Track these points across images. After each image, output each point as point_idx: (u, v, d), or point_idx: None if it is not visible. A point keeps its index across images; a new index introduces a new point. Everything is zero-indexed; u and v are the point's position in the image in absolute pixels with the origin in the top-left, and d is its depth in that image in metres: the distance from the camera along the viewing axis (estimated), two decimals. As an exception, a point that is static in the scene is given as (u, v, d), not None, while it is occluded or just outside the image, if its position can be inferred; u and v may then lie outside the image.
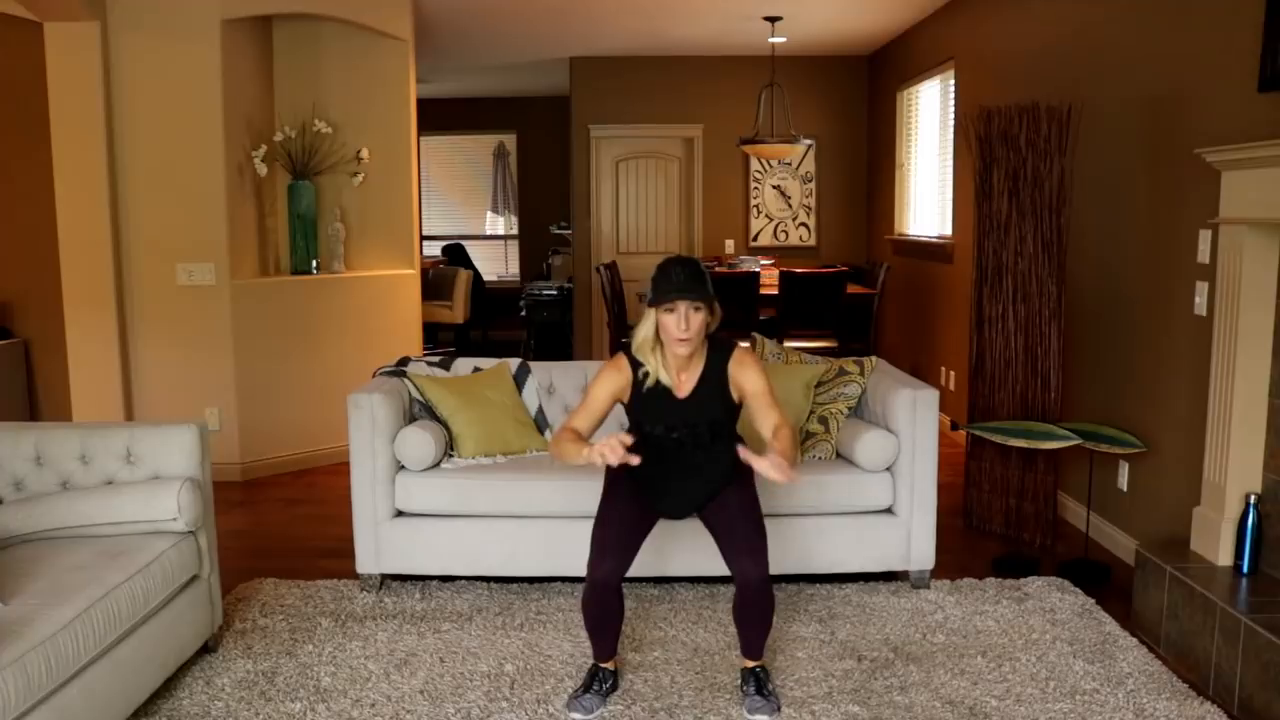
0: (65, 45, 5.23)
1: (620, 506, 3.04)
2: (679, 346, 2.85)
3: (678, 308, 2.82)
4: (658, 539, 3.67)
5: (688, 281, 2.82)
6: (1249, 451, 3.39)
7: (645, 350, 2.93)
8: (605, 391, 2.98)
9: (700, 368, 2.96)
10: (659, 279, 2.85)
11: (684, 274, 2.83)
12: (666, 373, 2.94)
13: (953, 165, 6.65)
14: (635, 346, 2.95)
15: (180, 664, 3.20)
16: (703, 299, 2.83)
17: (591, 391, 2.99)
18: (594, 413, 2.98)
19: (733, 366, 2.96)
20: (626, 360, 2.97)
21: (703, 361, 2.96)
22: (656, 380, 2.94)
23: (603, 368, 3.02)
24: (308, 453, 5.85)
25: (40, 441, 3.29)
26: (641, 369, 2.95)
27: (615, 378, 2.98)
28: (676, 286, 2.81)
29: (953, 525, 4.57)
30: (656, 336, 2.92)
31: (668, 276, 2.84)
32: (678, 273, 2.84)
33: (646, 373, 2.94)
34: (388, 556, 3.90)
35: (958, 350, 6.28)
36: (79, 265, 5.37)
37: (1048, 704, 3.06)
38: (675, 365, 2.94)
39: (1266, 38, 3.32)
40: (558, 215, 10.89)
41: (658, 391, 2.95)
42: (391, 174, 6.19)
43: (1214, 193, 3.49)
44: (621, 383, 2.97)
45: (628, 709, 3.04)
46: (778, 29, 7.48)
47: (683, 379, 2.96)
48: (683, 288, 2.81)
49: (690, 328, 2.83)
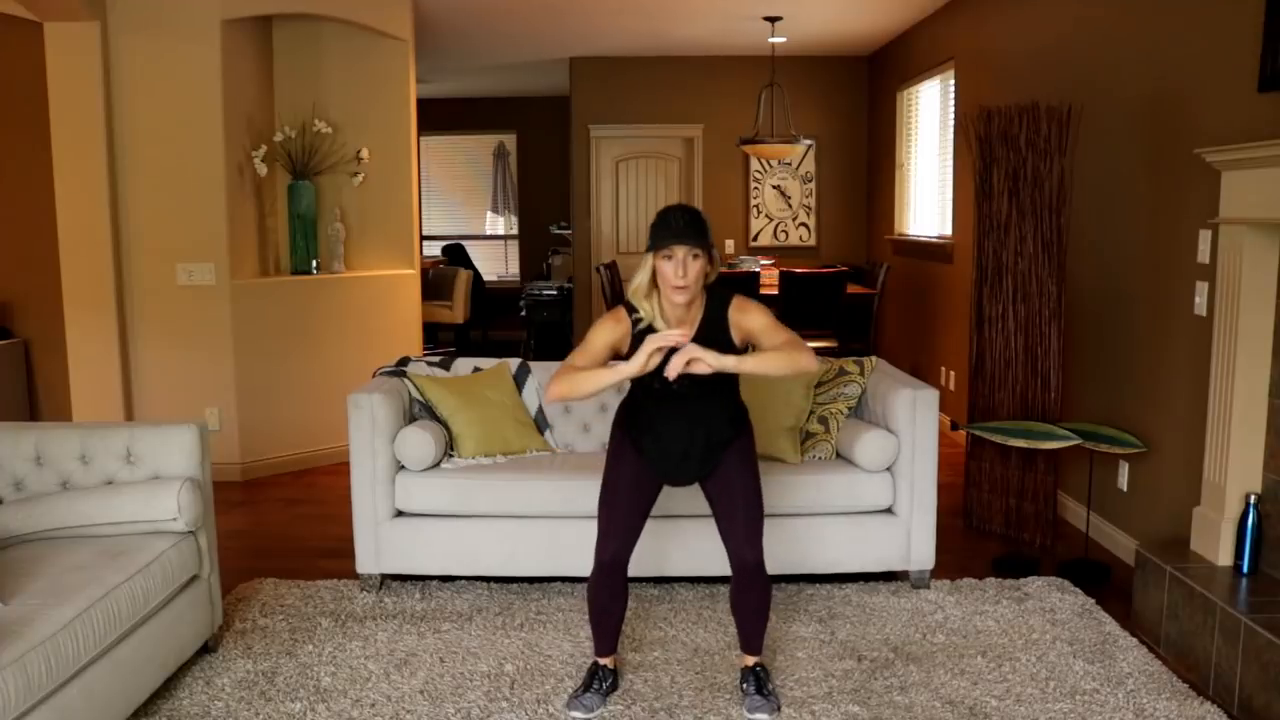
0: (65, 45, 5.23)
1: (625, 476, 3.00)
2: (676, 295, 2.79)
3: (675, 254, 2.75)
4: (658, 540, 3.68)
5: (687, 228, 2.76)
6: (1249, 451, 3.39)
7: (639, 296, 2.86)
8: (604, 340, 2.88)
9: (699, 318, 2.89)
10: (658, 225, 2.79)
11: (683, 220, 2.77)
12: (663, 321, 2.86)
13: (953, 165, 6.65)
14: (630, 291, 2.88)
15: (180, 664, 3.20)
16: (701, 246, 2.76)
17: (590, 338, 2.90)
18: (594, 358, 2.87)
19: (733, 313, 2.89)
20: (625, 312, 2.90)
21: (701, 311, 2.89)
22: (652, 328, 2.85)
23: (601, 318, 2.94)
24: (308, 453, 5.85)
25: (40, 441, 3.29)
26: (635, 314, 2.87)
27: (614, 328, 2.89)
28: (675, 233, 2.75)
29: (953, 525, 4.57)
30: (653, 283, 2.85)
31: (666, 223, 2.78)
32: (677, 219, 2.78)
33: (639, 318, 2.87)
34: (388, 556, 3.90)
35: (958, 350, 6.28)
36: (79, 265, 5.37)
37: (1048, 704, 3.06)
38: (673, 316, 2.87)
39: (1266, 38, 3.32)
40: (558, 215, 10.89)
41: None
42: (391, 174, 6.19)
43: (1214, 193, 3.49)
44: (620, 333, 2.89)
45: (628, 709, 3.04)
46: (778, 29, 7.48)
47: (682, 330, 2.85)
48: (681, 234, 2.75)
49: (688, 275, 2.76)
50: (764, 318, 2.89)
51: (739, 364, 2.77)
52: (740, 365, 2.77)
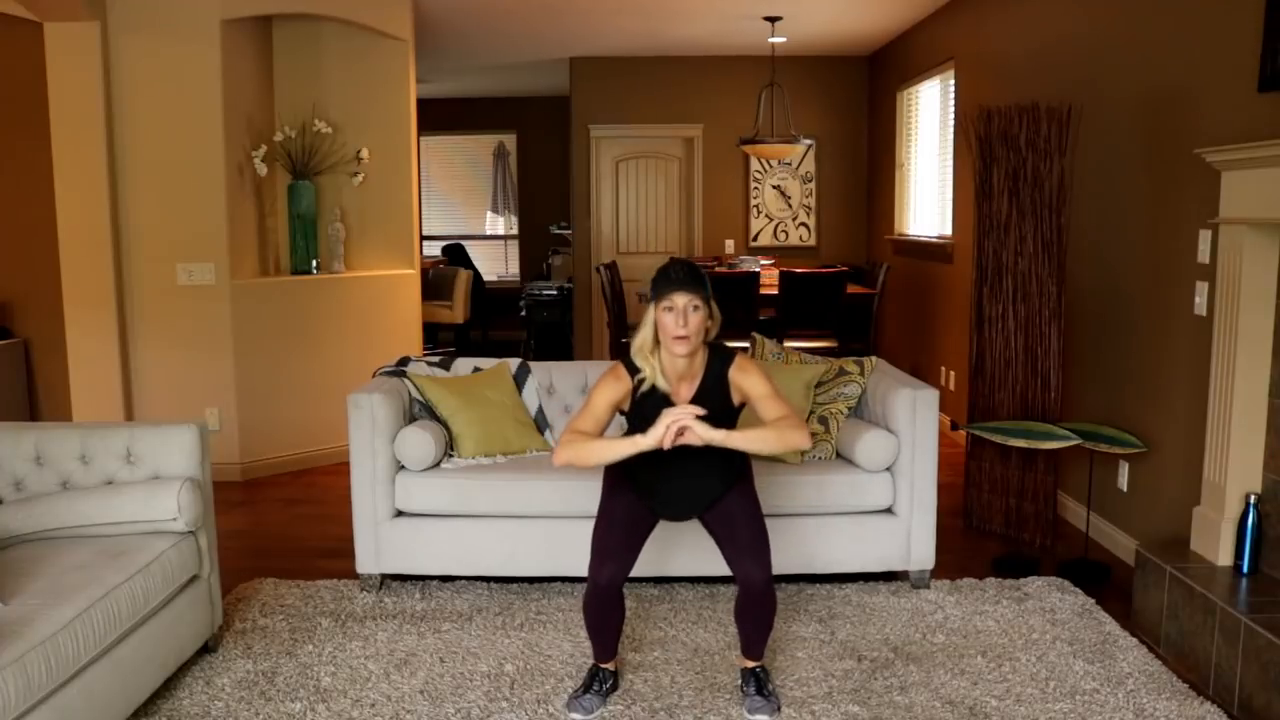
0: (65, 45, 5.23)
1: (621, 508, 3.03)
2: (677, 346, 2.83)
3: (676, 304, 2.80)
4: (658, 539, 3.67)
5: (686, 278, 2.82)
6: (1249, 451, 3.38)
7: (644, 354, 2.90)
8: (605, 400, 2.92)
9: (700, 375, 2.93)
10: (658, 279, 2.86)
11: (683, 271, 2.84)
12: (664, 379, 2.90)
13: (953, 165, 6.65)
14: (634, 350, 2.92)
15: (180, 664, 3.20)
16: (700, 297, 2.82)
17: (592, 398, 2.94)
18: (598, 419, 2.92)
19: (734, 373, 2.93)
20: (625, 369, 2.94)
21: (703, 368, 2.94)
22: (654, 387, 2.91)
23: (602, 376, 2.98)
24: (308, 453, 5.85)
25: (40, 441, 3.29)
26: (639, 374, 2.92)
27: (615, 386, 2.93)
28: (675, 282, 2.81)
29: (953, 525, 4.57)
30: (656, 340, 2.90)
31: (666, 275, 2.85)
32: (676, 271, 2.85)
33: (643, 378, 2.91)
34: (388, 556, 3.90)
35: (958, 350, 6.28)
36: (79, 265, 5.37)
37: (1048, 704, 3.06)
38: (674, 373, 2.91)
39: (1266, 38, 3.32)
40: (558, 215, 10.89)
41: (656, 399, 2.90)
42: (391, 174, 6.19)
43: (1214, 193, 3.49)
44: (621, 392, 2.93)
45: (628, 709, 3.04)
46: (778, 29, 7.48)
47: (682, 388, 2.92)
48: (681, 283, 2.80)
49: (689, 325, 2.81)
50: (764, 385, 2.91)
51: (727, 439, 2.78)
52: (728, 440, 2.79)
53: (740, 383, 2.92)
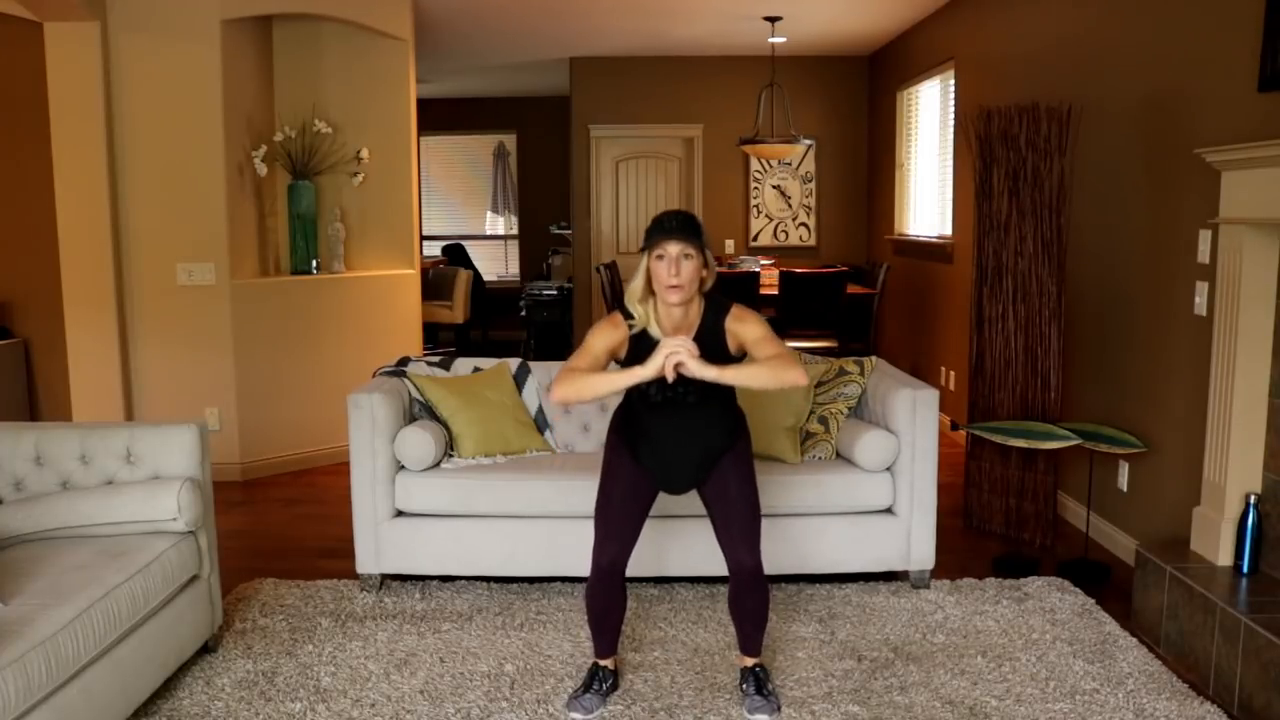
0: (65, 45, 5.23)
1: (621, 483, 3.00)
2: (671, 294, 2.79)
3: (668, 252, 2.76)
4: (658, 539, 3.68)
5: (679, 227, 2.78)
6: (1249, 451, 3.39)
7: (635, 300, 2.86)
8: (603, 344, 2.87)
9: (696, 325, 2.88)
10: (652, 227, 2.81)
11: (676, 220, 2.80)
12: (659, 329, 2.85)
13: (953, 165, 6.65)
14: (626, 296, 2.88)
15: (180, 664, 3.20)
16: (694, 245, 2.77)
17: (589, 342, 2.89)
18: (595, 361, 2.86)
19: (731, 322, 2.88)
20: (622, 317, 2.90)
21: (699, 319, 2.89)
22: (645, 333, 2.85)
23: (598, 323, 2.93)
24: (308, 453, 5.85)
25: (40, 441, 3.29)
26: (632, 320, 2.87)
27: (611, 333, 2.88)
28: (667, 230, 2.77)
29: (953, 525, 4.57)
30: (649, 288, 2.85)
31: (660, 223, 2.81)
32: (670, 219, 2.80)
33: (635, 324, 2.86)
34: (388, 556, 3.90)
35: (958, 350, 6.28)
36: (79, 265, 5.37)
37: (1048, 704, 3.06)
38: (669, 323, 2.86)
39: (1266, 38, 3.32)
40: (558, 215, 10.89)
41: (649, 344, 2.83)
42: (391, 174, 6.18)
43: (1214, 193, 3.49)
44: (618, 338, 2.88)
45: (628, 709, 3.04)
46: (778, 29, 7.48)
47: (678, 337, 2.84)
48: (673, 231, 2.77)
49: (681, 274, 2.76)
50: (760, 328, 2.87)
51: (720, 374, 2.73)
52: (721, 375, 2.74)
53: (736, 329, 2.87)
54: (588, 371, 2.82)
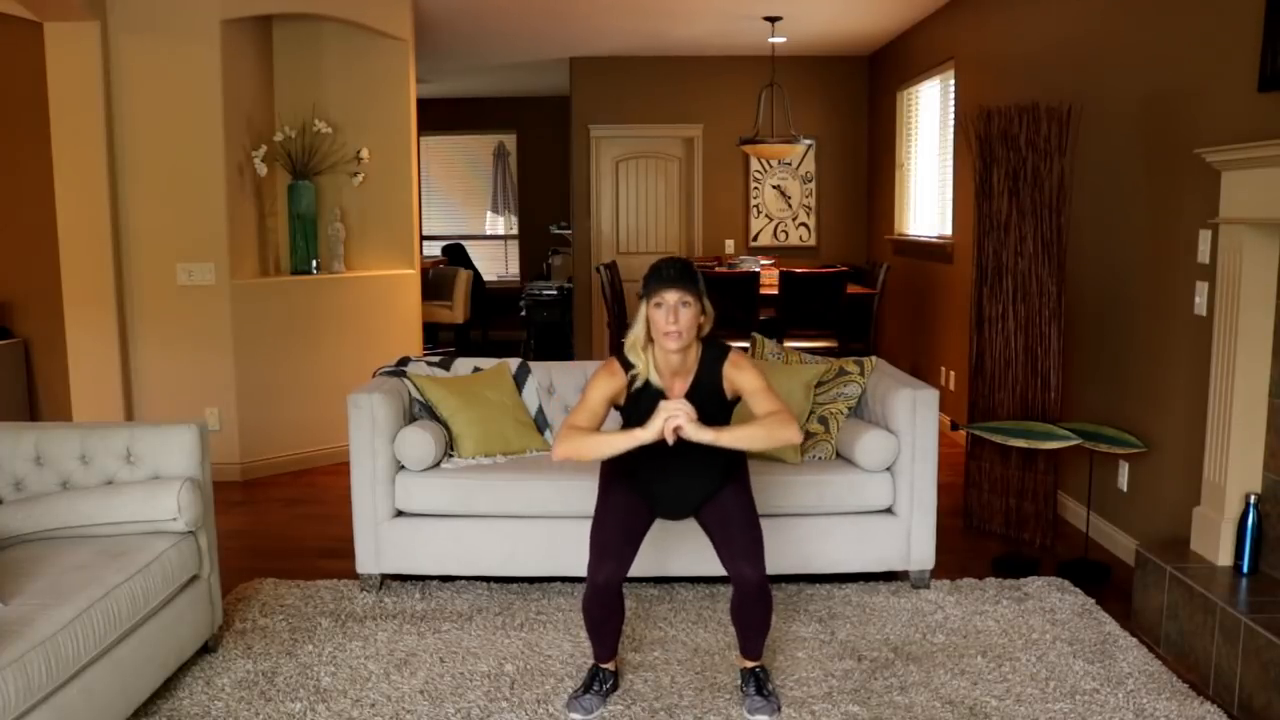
0: (65, 45, 5.23)
1: (618, 507, 3.03)
2: (669, 341, 2.83)
3: (666, 301, 2.81)
4: (658, 539, 3.67)
5: (677, 276, 2.82)
6: (1249, 451, 3.39)
7: (636, 349, 2.91)
8: (600, 395, 2.94)
9: (694, 370, 2.94)
10: (649, 276, 2.87)
11: (673, 270, 2.85)
12: (658, 375, 2.91)
13: (953, 165, 6.65)
14: (627, 346, 2.93)
15: (180, 664, 3.20)
16: (691, 293, 2.82)
17: (588, 394, 2.96)
18: (594, 415, 2.93)
19: (728, 368, 2.93)
20: (619, 364, 2.95)
21: (697, 364, 2.94)
22: (648, 383, 2.91)
23: (596, 371, 2.99)
24: (308, 453, 5.85)
25: (40, 441, 3.29)
26: (632, 370, 2.92)
27: (609, 382, 2.94)
28: (665, 280, 2.82)
29: (953, 525, 4.57)
30: (648, 336, 2.89)
31: (657, 272, 2.86)
32: (667, 269, 2.86)
33: (636, 374, 2.91)
34: (388, 556, 3.90)
35: (958, 350, 6.28)
36: (79, 265, 5.37)
37: (1048, 704, 3.06)
38: (668, 369, 2.91)
39: (1266, 38, 3.32)
40: (558, 215, 10.89)
41: (650, 394, 2.91)
42: (391, 174, 6.18)
43: (1214, 193, 3.49)
44: (615, 387, 2.94)
45: (628, 709, 3.04)
46: (778, 29, 7.48)
47: (675, 384, 2.93)
48: (671, 280, 2.81)
49: (679, 321, 2.81)
50: (757, 380, 2.91)
51: (717, 437, 2.77)
52: (718, 439, 2.78)
53: (733, 377, 2.93)
54: (588, 429, 2.88)
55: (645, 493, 3.04)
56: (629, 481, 3.04)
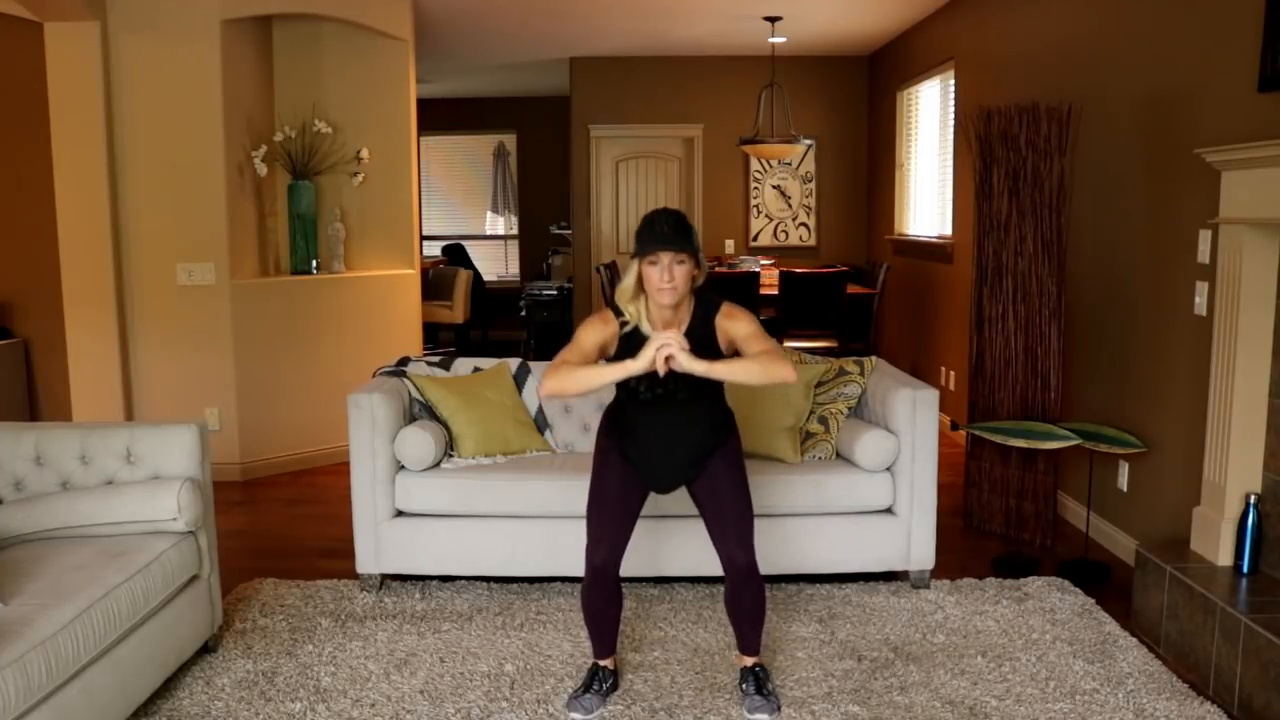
0: (65, 45, 5.23)
1: (611, 484, 3.00)
2: (662, 296, 2.79)
3: (660, 259, 2.76)
4: (657, 539, 3.68)
5: (671, 233, 2.76)
6: (1249, 451, 3.38)
7: (625, 298, 2.86)
8: (593, 340, 2.87)
9: (687, 321, 2.88)
10: (643, 230, 2.80)
11: (667, 225, 2.78)
12: (648, 324, 2.86)
13: (953, 165, 6.65)
14: (617, 294, 2.88)
15: (180, 664, 3.20)
16: (686, 251, 2.77)
17: (580, 337, 2.89)
18: (585, 355, 2.86)
19: (721, 319, 2.88)
20: (612, 314, 2.90)
21: (689, 316, 2.89)
22: (637, 331, 2.85)
23: (588, 318, 2.94)
24: (308, 453, 5.85)
25: (40, 441, 3.29)
26: (623, 317, 2.87)
27: (602, 328, 2.88)
28: (660, 237, 2.76)
29: (953, 525, 4.57)
30: (640, 286, 2.84)
31: (651, 227, 2.79)
32: (661, 224, 2.78)
33: (625, 322, 2.86)
34: (388, 556, 3.90)
35: (958, 350, 6.28)
36: (79, 265, 5.37)
37: (1048, 704, 3.06)
38: (660, 321, 2.86)
39: (1266, 38, 3.32)
40: (558, 215, 10.89)
41: (641, 341, 2.82)
42: (391, 174, 6.18)
43: (1214, 193, 3.49)
44: (608, 334, 2.88)
45: (628, 709, 3.04)
46: (778, 29, 7.48)
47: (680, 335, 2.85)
48: (666, 239, 2.75)
49: (674, 279, 2.76)
50: (749, 325, 2.88)
51: (710, 368, 2.72)
52: (711, 369, 2.73)
53: (727, 327, 2.89)
54: (577, 365, 2.82)
55: (638, 456, 2.99)
56: (621, 450, 3.00)
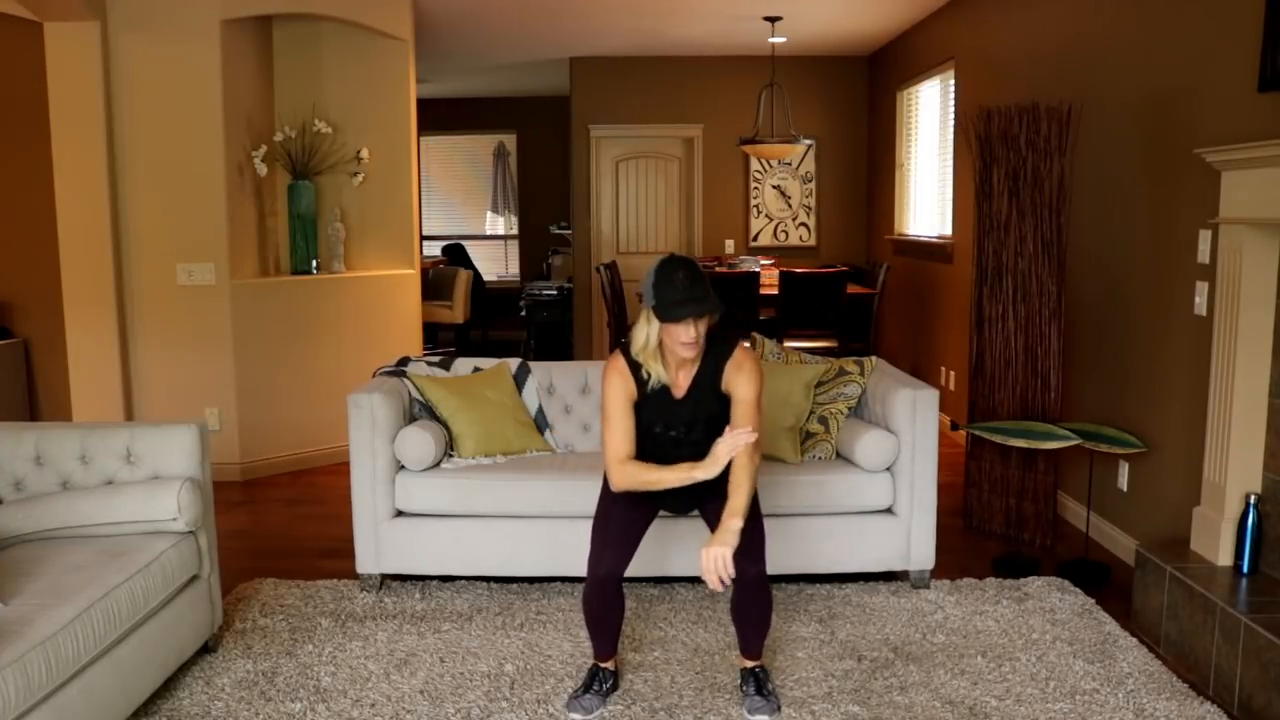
0: (65, 45, 5.23)
1: (621, 501, 3.02)
2: (686, 351, 2.82)
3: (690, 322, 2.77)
4: (658, 539, 3.68)
5: (695, 290, 2.74)
6: (1249, 451, 3.38)
7: (648, 356, 2.89)
8: (623, 406, 2.91)
9: (697, 365, 2.93)
10: (663, 286, 2.76)
11: (688, 282, 2.75)
12: (667, 374, 2.92)
13: (953, 165, 6.65)
14: (636, 351, 2.91)
15: (180, 664, 3.20)
16: (709, 309, 2.77)
17: (611, 410, 2.90)
18: (628, 432, 2.90)
19: (730, 369, 2.92)
20: (625, 362, 2.94)
21: (699, 360, 2.93)
22: (665, 388, 2.93)
23: (607, 377, 2.93)
24: (308, 453, 5.85)
25: (40, 441, 3.29)
26: (643, 370, 2.92)
27: (624, 385, 2.92)
28: (690, 298, 2.73)
29: (953, 525, 4.57)
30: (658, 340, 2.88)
31: (673, 285, 2.75)
32: (683, 281, 2.75)
33: (649, 374, 2.91)
34: (388, 556, 3.90)
35: (958, 350, 6.28)
36: (79, 265, 5.37)
37: (1048, 704, 3.06)
38: (673, 362, 2.91)
39: (1266, 38, 3.32)
40: (558, 215, 10.89)
41: (657, 390, 2.93)
42: (391, 174, 6.19)
43: (1214, 193, 3.49)
44: (631, 388, 2.93)
45: (628, 709, 3.04)
46: (778, 29, 7.48)
47: (680, 378, 2.94)
48: (697, 300, 2.74)
49: (700, 334, 2.80)
50: (751, 391, 2.88)
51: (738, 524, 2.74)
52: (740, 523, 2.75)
53: (733, 376, 2.91)
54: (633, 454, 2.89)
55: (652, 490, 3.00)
56: None
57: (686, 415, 2.95)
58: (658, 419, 2.96)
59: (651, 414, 2.96)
